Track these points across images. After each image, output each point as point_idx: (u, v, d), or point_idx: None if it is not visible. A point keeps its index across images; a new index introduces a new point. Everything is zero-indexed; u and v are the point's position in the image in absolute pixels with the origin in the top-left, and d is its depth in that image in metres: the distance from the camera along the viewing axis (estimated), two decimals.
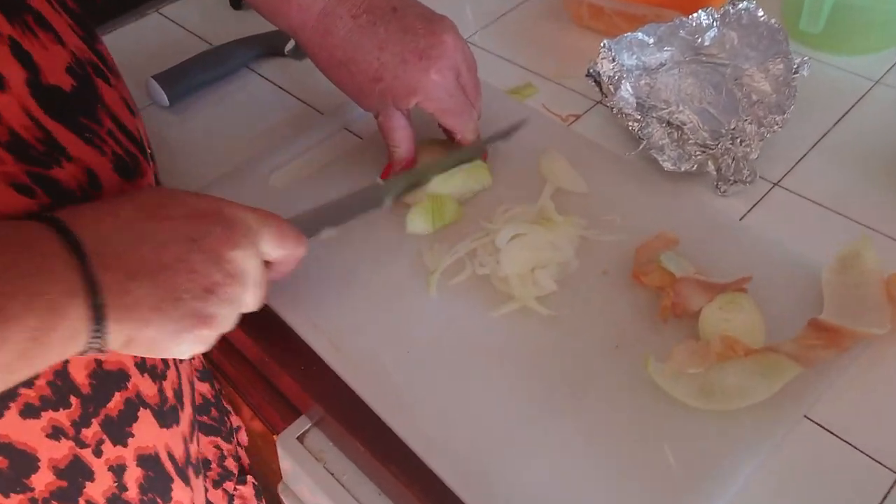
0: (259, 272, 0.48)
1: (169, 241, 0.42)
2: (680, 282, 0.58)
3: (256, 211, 0.49)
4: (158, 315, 0.41)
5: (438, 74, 0.62)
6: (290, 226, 0.52)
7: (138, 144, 0.51)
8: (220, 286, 0.44)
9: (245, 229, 0.46)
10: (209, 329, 0.44)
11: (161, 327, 0.42)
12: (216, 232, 0.44)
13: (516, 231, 0.62)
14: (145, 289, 0.41)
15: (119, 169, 0.47)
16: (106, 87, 0.49)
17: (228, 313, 0.45)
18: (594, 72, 0.73)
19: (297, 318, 0.61)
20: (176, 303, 0.42)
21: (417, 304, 0.61)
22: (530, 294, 0.60)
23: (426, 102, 0.64)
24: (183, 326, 0.43)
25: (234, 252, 0.45)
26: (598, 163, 0.70)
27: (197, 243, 0.43)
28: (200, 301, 0.43)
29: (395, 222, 0.67)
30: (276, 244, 0.50)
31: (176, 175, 0.77)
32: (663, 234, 0.63)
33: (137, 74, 0.88)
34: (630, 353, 0.56)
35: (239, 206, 0.48)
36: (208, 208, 0.46)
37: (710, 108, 0.73)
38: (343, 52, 0.62)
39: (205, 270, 0.43)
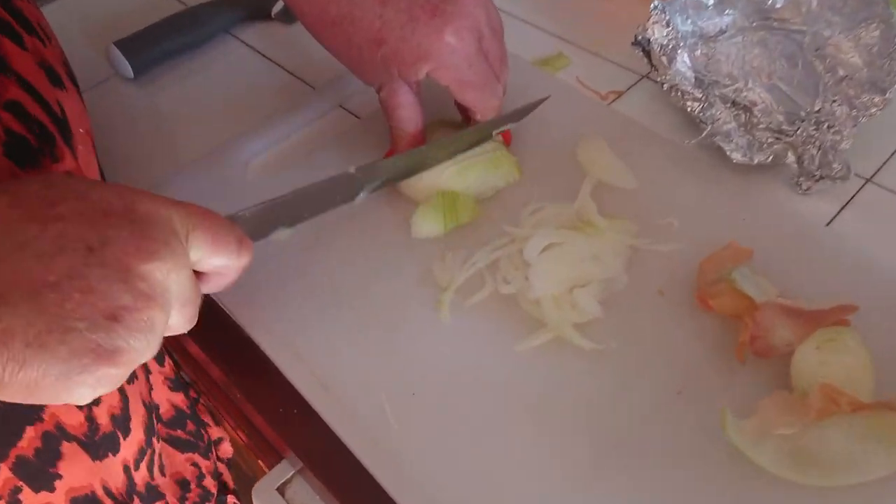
0: (187, 287, 0.37)
1: (56, 250, 0.32)
2: (761, 309, 0.46)
3: (182, 206, 0.38)
4: (40, 352, 0.31)
5: (455, 37, 0.50)
6: (230, 226, 0.40)
7: (58, 122, 0.40)
8: (129, 311, 0.33)
9: (166, 233, 0.35)
10: (114, 367, 0.33)
11: (44, 368, 0.31)
12: (123, 237, 0.33)
13: (550, 239, 0.50)
14: (21, 316, 0.30)
15: (12, 151, 0.36)
16: (16, 48, 0.39)
17: (141, 344, 0.34)
18: (643, 39, 0.60)
19: (274, 345, 0.49)
20: (65, 335, 0.31)
21: (425, 331, 0.49)
22: (568, 320, 0.47)
23: (440, 72, 0.51)
24: (76, 366, 0.32)
25: (148, 264, 0.34)
26: (649, 151, 0.57)
27: (96, 253, 0.33)
28: (101, 331, 0.32)
29: (397, 224, 0.54)
30: (210, 251, 0.39)
31: (137, 161, 0.65)
32: (733, 245, 0.50)
33: (97, 40, 0.76)
34: (697, 402, 0.44)
35: (159, 199, 0.37)
36: (115, 204, 0.34)
37: (781, 84, 0.59)
38: (337, 7, 0.51)
39: (107, 290, 0.32)
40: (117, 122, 0.69)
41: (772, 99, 0.57)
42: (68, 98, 0.44)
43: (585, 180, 0.55)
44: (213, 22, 0.75)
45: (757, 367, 0.45)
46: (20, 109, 0.38)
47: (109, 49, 0.72)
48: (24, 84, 0.40)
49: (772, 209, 0.53)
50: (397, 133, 0.55)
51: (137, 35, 0.72)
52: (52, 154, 0.40)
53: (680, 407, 0.44)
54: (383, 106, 0.55)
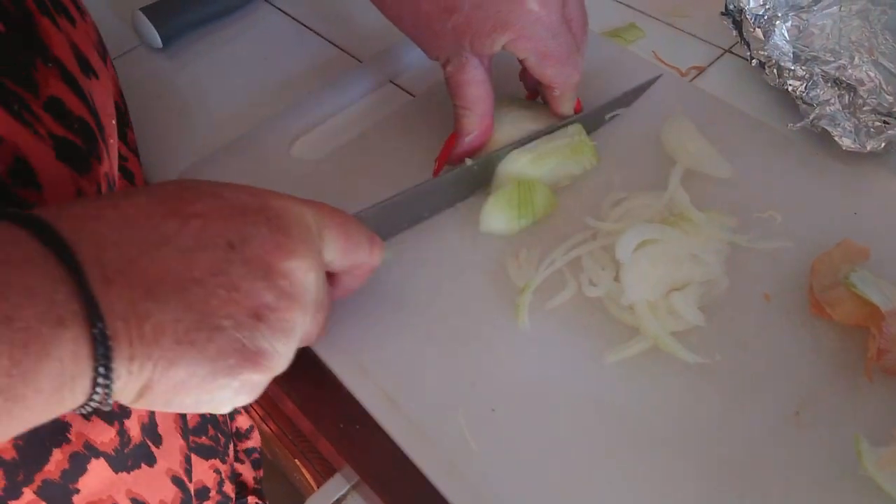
0: (322, 289, 0.36)
1: (197, 246, 0.31)
2: (889, 318, 0.40)
3: (314, 205, 0.37)
4: (189, 350, 0.29)
5: (539, 3, 0.43)
6: (360, 225, 0.39)
7: (95, 116, 0.37)
8: (272, 310, 0.32)
9: (302, 231, 0.34)
10: (258, 371, 0.31)
11: (193, 367, 0.30)
12: (263, 234, 0.32)
13: (644, 236, 0.44)
14: (170, 311, 0.29)
15: (66, 156, 0.33)
16: (55, 31, 0.35)
17: (283, 348, 0.32)
18: (734, 9, 0.54)
19: (336, 356, 0.44)
20: (213, 332, 0.30)
21: (502, 338, 0.43)
22: (665, 328, 0.42)
23: (519, 43, 0.45)
24: (222, 366, 0.30)
25: (288, 262, 0.33)
26: (742, 135, 0.51)
27: (238, 250, 0.31)
28: (246, 330, 0.31)
29: (462, 218, 0.49)
30: (343, 250, 0.38)
31: (167, 139, 0.59)
32: (848, 243, 0.45)
33: (121, 5, 0.70)
34: (818, 425, 0.39)
35: (289, 197, 0.35)
36: (250, 202, 0.33)
37: (885, 61, 0.53)
38: None
39: (250, 288, 0.31)
40: (145, 96, 0.63)
41: (881, 78, 0.51)
42: (97, 86, 0.40)
43: (675, 168, 0.49)
44: None
45: (888, 386, 0.39)
46: (60, 108, 0.34)
47: (135, 16, 0.65)
48: (66, 75, 0.35)
49: (887, 201, 0.47)
50: (463, 114, 0.49)
51: (166, 1, 0.66)
52: (97, 155, 0.36)
53: (798, 430, 0.39)
54: (449, 82, 0.48)
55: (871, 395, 0.39)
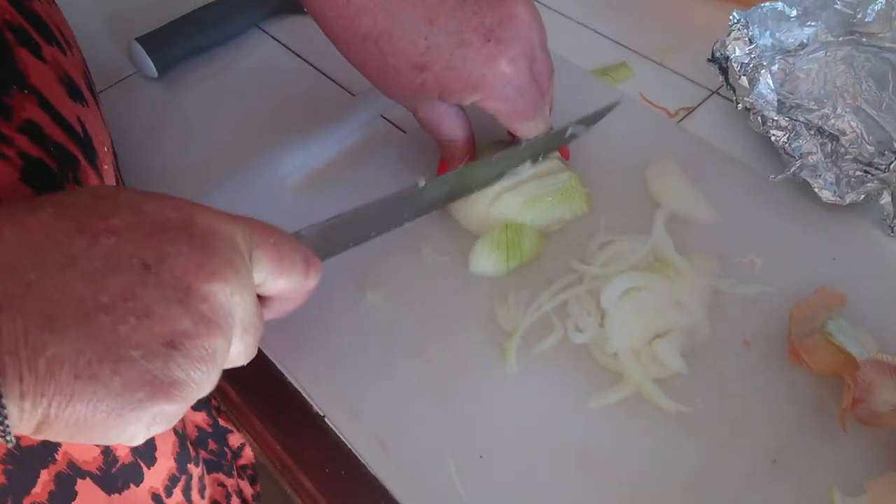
0: (251, 311, 0.33)
1: (108, 267, 0.28)
2: (863, 368, 0.41)
3: (245, 221, 0.34)
4: (91, 385, 0.27)
5: (511, 66, 0.44)
6: (297, 244, 0.37)
7: (80, 141, 0.36)
8: (189, 337, 0.29)
9: (229, 250, 0.32)
10: (171, 402, 0.29)
11: (95, 403, 0.27)
12: (183, 253, 0.30)
13: (629, 284, 0.45)
14: (70, 343, 0.26)
15: (32, 178, 0.32)
16: (34, 61, 0.35)
17: (201, 376, 0.30)
18: (721, 56, 0.55)
19: (327, 400, 0.45)
20: (119, 364, 0.27)
21: (491, 382, 0.44)
22: (648, 376, 0.43)
23: (488, 102, 0.45)
24: (129, 401, 0.28)
25: (211, 285, 0.30)
26: (726, 179, 0.53)
27: (153, 271, 0.29)
28: (158, 360, 0.28)
29: (454, 258, 0.50)
30: (276, 272, 0.35)
31: (162, 169, 0.60)
32: (825, 290, 0.46)
33: (118, 34, 0.71)
34: (795, 472, 0.40)
35: (218, 213, 0.33)
36: (172, 217, 0.31)
37: (867, 107, 0.55)
38: (372, 21, 0.43)
39: (165, 313, 0.29)
40: (141, 124, 0.64)
41: (862, 128, 0.53)
42: (89, 113, 0.40)
43: (658, 211, 0.50)
44: (241, 16, 0.70)
45: (861, 435, 0.41)
46: (37, 131, 0.34)
47: (131, 45, 0.66)
48: (43, 102, 0.35)
49: (864, 249, 0.49)
50: (447, 145, 0.50)
51: (161, 30, 0.67)
52: (76, 177, 0.36)
53: (776, 477, 0.40)
54: (424, 125, 0.49)
55: (847, 444, 0.41)
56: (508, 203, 0.48)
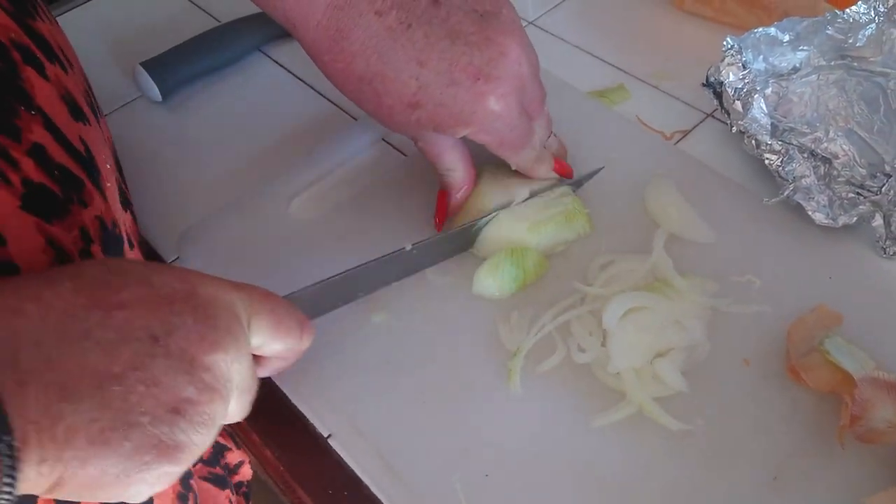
0: (247, 376, 0.36)
1: (120, 339, 0.30)
2: (861, 386, 0.42)
3: (244, 290, 0.37)
4: (103, 449, 0.29)
5: (500, 103, 0.45)
6: (292, 309, 0.39)
7: (83, 161, 0.37)
8: (193, 404, 0.32)
9: (229, 319, 0.34)
10: (174, 464, 0.31)
11: (106, 466, 0.29)
12: (188, 325, 0.32)
13: (630, 304, 0.46)
14: (85, 412, 0.29)
15: (33, 204, 0.33)
16: (40, 81, 0.36)
17: (202, 439, 0.32)
18: (715, 81, 0.56)
19: (334, 420, 0.45)
20: (129, 430, 0.30)
21: (495, 402, 0.45)
22: (650, 394, 0.44)
23: (479, 135, 0.47)
24: (137, 463, 0.30)
25: (213, 355, 0.33)
26: (723, 200, 0.54)
27: (160, 342, 0.31)
28: (164, 425, 0.31)
29: (454, 280, 0.50)
30: (273, 337, 0.38)
31: (166, 193, 0.60)
32: (822, 309, 0.47)
33: (122, 59, 0.72)
34: (796, 490, 0.41)
35: (220, 283, 0.35)
36: (177, 289, 0.33)
37: (859, 130, 0.56)
38: (366, 64, 0.45)
39: (171, 382, 0.31)
40: (145, 148, 0.64)
41: (854, 151, 0.54)
42: (91, 131, 0.40)
43: (658, 233, 0.51)
44: (243, 40, 0.71)
45: (860, 452, 0.41)
46: (43, 155, 0.35)
47: (136, 70, 0.67)
48: (48, 122, 0.36)
49: (860, 268, 0.50)
50: (447, 174, 0.51)
51: (165, 55, 0.68)
52: (80, 200, 0.37)
53: (775, 495, 0.41)
54: (424, 154, 0.51)
55: (845, 461, 0.41)
56: (513, 227, 0.49)
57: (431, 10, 0.44)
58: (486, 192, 0.52)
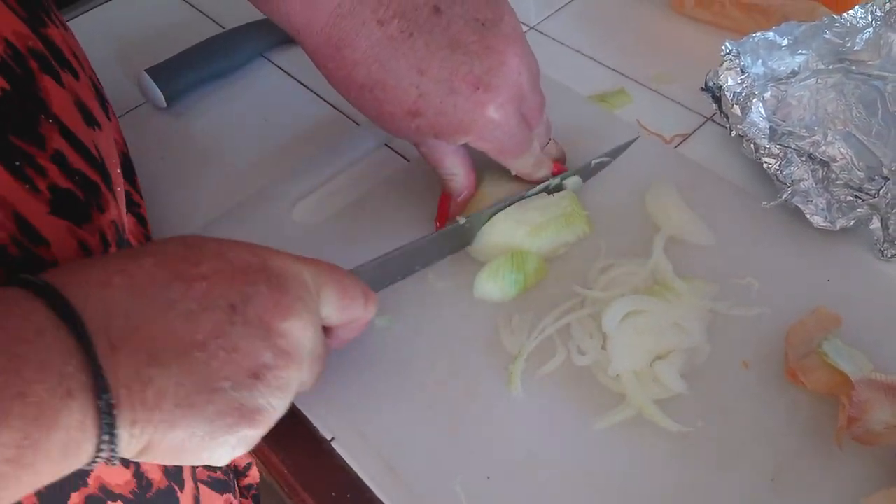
0: (318, 343, 0.38)
1: (201, 308, 0.32)
2: (858, 388, 0.43)
3: (311, 262, 0.39)
4: (189, 412, 0.31)
5: (499, 112, 0.46)
6: (356, 280, 0.42)
7: (98, 167, 0.38)
8: (270, 369, 0.34)
9: (300, 289, 0.36)
10: (255, 427, 0.33)
11: (192, 428, 0.31)
12: (263, 294, 0.34)
13: (629, 307, 0.46)
14: (172, 377, 0.31)
15: (61, 209, 0.34)
16: (56, 88, 0.36)
17: (279, 403, 0.34)
18: (714, 86, 0.57)
19: (337, 424, 0.46)
20: (212, 394, 0.32)
21: (497, 404, 0.46)
22: (650, 397, 0.44)
23: (479, 143, 0.48)
24: (220, 426, 0.32)
25: (287, 322, 0.35)
26: (723, 203, 0.54)
27: (238, 311, 0.33)
28: (245, 390, 0.33)
29: (456, 284, 0.51)
30: (340, 306, 0.40)
31: (171, 198, 0.61)
32: (821, 311, 0.48)
33: (128, 65, 0.73)
34: (794, 491, 0.41)
35: (288, 256, 0.37)
36: (250, 262, 0.35)
37: (858, 133, 0.56)
38: (367, 72, 0.45)
39: (250, 348, 0.33)
40: (150, 153, 0.65)
41: (851, 154, 0.54)
42: (102, 137, 0.41)
43: (658, 235, 0.51)
44: (247, 46, 0.72)
45: (858, 453, 0.42)
46: (63, 160, 0.35)
47: (141, 77, 0.68)
48: (65, 130, 0.36)
49: (858, 271, 0.50)
50: (450, 179, 0.52)
51: (170, 62, 0.69)
52: (99, 205, 0.37)
53: (775, 496, 0.41)
54: (426, 159, 0.52)
55: (843, 463, 0.42)
56: (513, 231, 0.50)
57: (433, 18, 0.45)
58: (488, 196, 0.53)
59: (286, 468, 0.46)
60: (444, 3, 0.45)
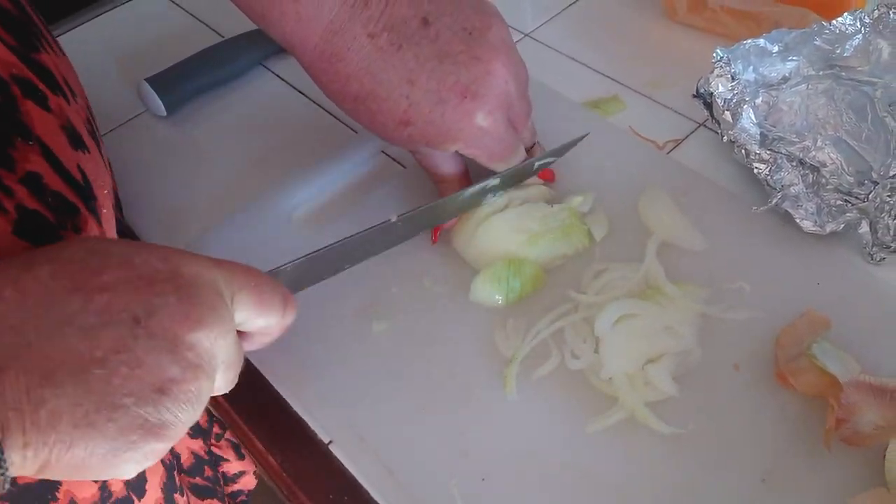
0: (232, 351, 0.36)
1: (101, 323, 0.30)
2: (846, 390, 0.43)
3: (225, 266, 0.37)
4: (88, 432, 0.30)
5: (488, 119, 0.47)
6: (275, 285, 0.39)
7: (79, 189, 0.38)
8: (177, 383, 0.32)
9: (212, 297, 0.34)
10: (161, 441, 0.32)
11: (91, 448, 0.30)
12: (171, 304, 0.32)
13: (622, 312, 0.47)
14: (67, 396, 0.29)
15: (25, 230, 0.34)
16: (39, 112, 0.37)
17: (188, 416, 0.33)
18: (705, 92, 0.58)
19: (335, 427, 0.47)
20: (113, 412, 0.30)
21: (492, 407, 0.46)
22: (642, 399, 0.45)
23: (468, 150, 0.49)
24: (123, 443, 0.31)
25: (195, 333, 0.33)
26: (714, 208, 0.55)
27: (143, 324, 0.31)
28: (149, 406, 0.31)
29: (452, 288, 0.52)
30: (255, 312, 0.38)
31: (172, 205, 0.62)
32: (810, 313, 0.48)
33: (128, 74, 0.73)
34: (783, 491, 0.42)
35: (203, 260, 0.35)
36: (158, 269, 0.33)
37: (848, 138, 0.57)
38: (359, 84, 0.47)
39: (154, 363, 0.31)
40: (149, 162, 0.66)
41: (841, 159, 0.55)
42: (90, 160, 0.42)
43: (650, 240, 0.52)
44: (246, 55, 0.73)
45: (846, 454, 0.43)
46: (37, 183, 0.36)
47: (141, 86, 0.69)
48: (46, 151, 0.37)
49: (848, 274, 0.51)
50: (444, 187, 0.54)
51: (169, 71, 0.70)
52: (75, 226, 0.38)
53: (765, 496, 0.42)
54: (420, 164, 0.53)
55: (831, 464, 0.42)
56: (511, 240, 0.50)
57: (421, 30, 0.46)
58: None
59: (284, 471, 0.47)
60: (432, 14, 0.46)
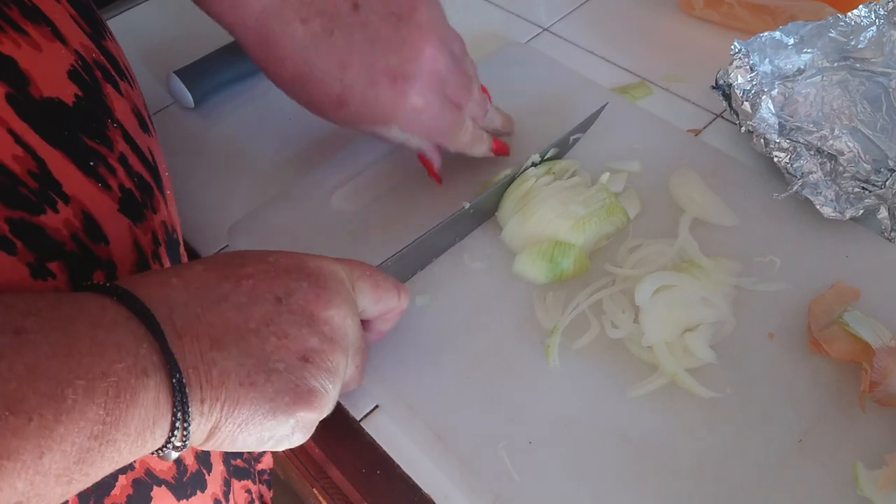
0: (358, 334, 0.41)
1: (250, 301, 0.36)
2: (879, 354, 0.45)
3: (344, 262, 0.42)
4: (251, 390, 0.34)
5: (420, 98, 0.50)
6: (386, 275, 0.45)
7: (152, 170, 0.41)
8: (318, 352, 0.37)
9: (337, 284, 0.40)
10: (310, 408, 0.36)
11: (255, 406, 0.34)
12: (304, 288, 0.38)
13: (661, 282, 0.49)
14: (232, 358, 0.34)
15: (126, 207, 0.37)
16: (116, 95, 0.39)
17: (330, 386, 0.37)
18: (724, 84, 0.60)
19: (386, 397, 0.48)
20: (270, 374, 0.35)
21: (536, 375, 0.48)
22: (681, 365, 0.47)
23: (407, 129, 0.52)
24: (280, 404, 0.35)
25: (328, 311, 0.38)
26: (742, 186, 0.57)
27: (284, 302, 0.37)
28: (297, 371, 0.36)
29: (492, 263, 0.53)
30: (374, 298, 0.43)
31: (204, 196, 0.63)
32: (840, 285, 0.50)
33: (156, 67, 0.75)
34: (819, 451, 0.44)
35: (322, 258, 0.41)
36: (290, 264, 0.39)
37: (863, 128, 0.60)
38: (295, 67, 0.49)
39: (297, 334, 0.36)
40: (179, 153, 0.67)
41: (858, 147, 0.57)
42: (153, 142, 0.43)
43: (682, 217, 0.54)
44: None
45: (880, 415, 0.44)
46: (126, 163, 0.38)
47: (170, 78, 0.70)
48: (126, 134, 0.39)
49: (872, 248, 0.53)
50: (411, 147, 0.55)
51: (197, 63, 0.71)
52: (152, 206, 0.40)
53: (801, 457, 0.44)
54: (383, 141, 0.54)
55: (866, 424, 0.44)
56: (556, 224, 0.52)
57: (352, 15, 0.48)
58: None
59: (318, 447, 0.48)
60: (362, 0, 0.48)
